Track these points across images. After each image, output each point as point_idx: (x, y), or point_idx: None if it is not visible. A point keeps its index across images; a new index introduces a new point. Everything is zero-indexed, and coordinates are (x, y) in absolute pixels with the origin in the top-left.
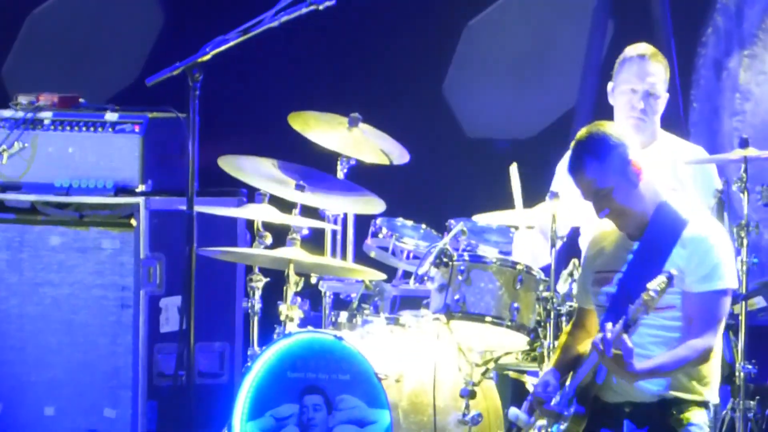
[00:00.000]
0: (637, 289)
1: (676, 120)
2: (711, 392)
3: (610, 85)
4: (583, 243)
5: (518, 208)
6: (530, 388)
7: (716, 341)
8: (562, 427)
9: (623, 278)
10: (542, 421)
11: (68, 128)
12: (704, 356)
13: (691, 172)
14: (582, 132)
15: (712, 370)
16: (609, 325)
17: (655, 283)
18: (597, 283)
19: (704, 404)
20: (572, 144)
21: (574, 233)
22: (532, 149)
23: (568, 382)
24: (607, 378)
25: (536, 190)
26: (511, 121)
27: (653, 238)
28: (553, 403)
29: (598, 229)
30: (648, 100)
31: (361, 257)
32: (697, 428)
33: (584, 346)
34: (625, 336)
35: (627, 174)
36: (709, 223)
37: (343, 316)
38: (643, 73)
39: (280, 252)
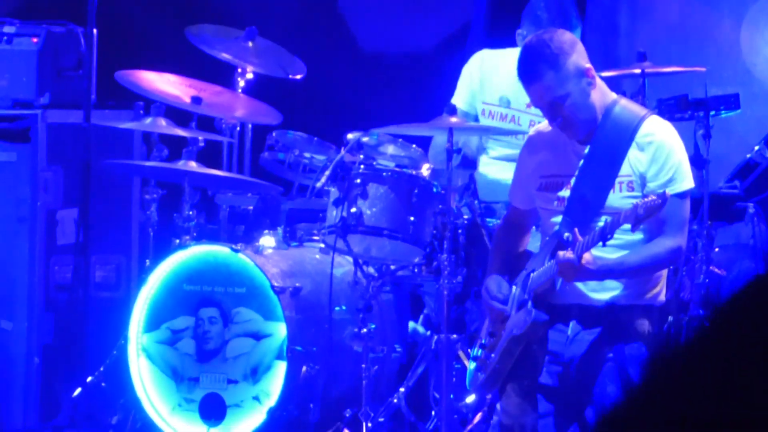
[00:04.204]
0: (593, 194)
1: None
2: (658, 295)
3: (520, 34)
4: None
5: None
6: (428, 300)
7: (684, 243)
8: (518, 333)
9: (577, 183)
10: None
11: None
12: (674, 256)
13: None
14: (534, 39)
15: (663, 273)
16: (575, 234)
17: (648, 201)
18: (546, 188)
19: (650, 309)
20: (522, 50)
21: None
22: (427, 63)
23: (518, 286)
24: (561, 283)
25: (432, 104)
26: (406, 35)
27: (604, 140)
28: (509, 308)
29: (534, 131)
30: None
31: (258, 170)
32: (642, 342)
33: (520, 245)
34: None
35: (581, 83)
36: (662, 123)
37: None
38: None
39: (176, 165)
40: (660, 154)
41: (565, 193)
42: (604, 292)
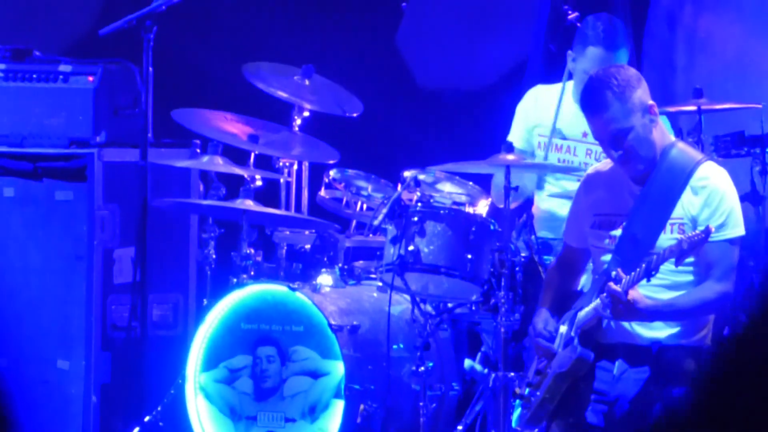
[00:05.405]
0: (644, 234)
1: None
2: (705, 337)
3: (570, 55)
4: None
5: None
6: (486, 338)
7: (732, 289)
8: (563, 370)
9: (629, 223)
10: (504, 373)
11: (21, 80)
12: (723, 301)
13: None
14: (601, 71)
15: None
16: (619, 273)
17: (692, 235)
18: (599, 226)
19: (698, 350)
20: (588, 81)
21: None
22: (484, 100)
23: (565, 324)
24: (608, 321)
25: (489, 141)
26: (463, 72)
27: (659, 182)
28: (555, 345)
29: (593, 169)
30: None
31: (315, 208)
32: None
33: (572, 284)
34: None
35: (645, 118)
36: (717, 169)
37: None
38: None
39: (234, 203)
40: (713, 199)
41: (618, 232)
42: (650, 331)
